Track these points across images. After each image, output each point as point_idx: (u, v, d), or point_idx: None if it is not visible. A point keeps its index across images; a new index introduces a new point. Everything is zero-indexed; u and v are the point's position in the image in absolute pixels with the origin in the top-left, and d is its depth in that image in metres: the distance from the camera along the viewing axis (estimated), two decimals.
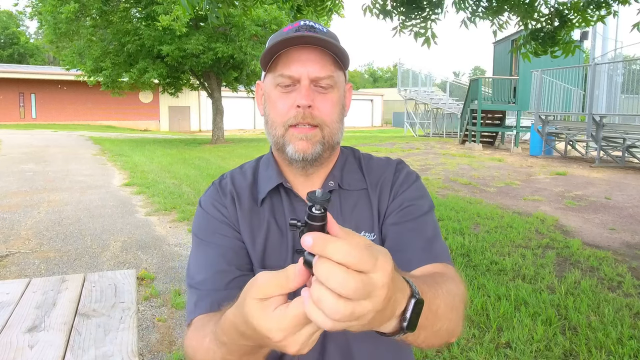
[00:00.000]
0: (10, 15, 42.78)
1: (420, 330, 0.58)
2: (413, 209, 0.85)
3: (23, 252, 4.37)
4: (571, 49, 3.88)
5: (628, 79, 9.73)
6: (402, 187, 0.88)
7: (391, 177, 0.90)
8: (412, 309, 0.52)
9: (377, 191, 0.88)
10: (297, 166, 0.84)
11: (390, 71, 69.06)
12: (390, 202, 0.87)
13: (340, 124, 0.86)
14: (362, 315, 0.43)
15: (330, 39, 0.79)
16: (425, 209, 0.87)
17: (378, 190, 0.89)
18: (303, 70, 0.79)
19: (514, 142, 13.72)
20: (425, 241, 0.81)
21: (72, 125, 25.39)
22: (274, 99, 0.83)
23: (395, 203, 0.86)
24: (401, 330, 0.53)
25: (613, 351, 2.54)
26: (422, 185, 0.91)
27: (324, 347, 0.82)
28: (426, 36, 3.88)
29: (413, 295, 0.53)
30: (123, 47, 15.06)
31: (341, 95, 0.86)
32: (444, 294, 0.64)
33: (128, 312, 1.57)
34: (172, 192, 7.04)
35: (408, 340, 0.60)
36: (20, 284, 1.81)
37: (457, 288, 0.70)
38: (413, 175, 0.92)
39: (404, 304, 0.52)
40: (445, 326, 0.64)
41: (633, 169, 9.49)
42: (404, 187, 0.88)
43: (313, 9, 4.03)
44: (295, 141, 0.81)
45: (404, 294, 0.52)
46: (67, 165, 10.46)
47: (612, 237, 4.86)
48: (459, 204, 6.16)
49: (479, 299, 3.15)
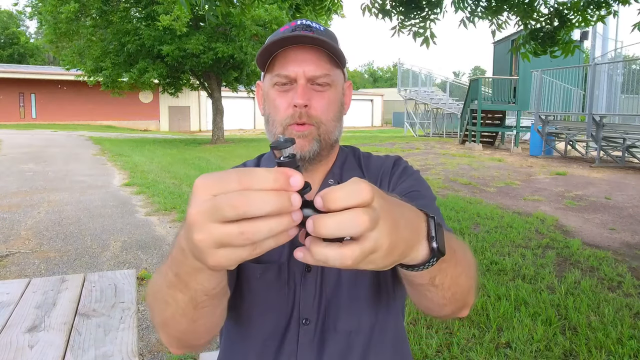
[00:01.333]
0: (10, 15, 42.78)
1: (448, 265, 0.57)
2: (415, 194, 0.84)
3: (23, 252, 4.37)
4: (571, 49, 3.88)
5: (628, 79, 9.73)
6: (402, 178, 0.88)
7: (389, 170, 0.90)
8: (434, 227, 0.52)
9: (377, 184, 0.88)
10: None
11: (390, 71, 69.05)
12: (389, 192, 0.87)
13: (338, 122, 0.86)
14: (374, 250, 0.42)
15: (326, 39, 0.79)
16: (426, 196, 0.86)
17: (377, 184, 0.89)
18: (299, 70, 0.80)
19: (514, 142, 13.72)
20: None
21: (72, 125, 25.39)
22: (272, 98, 0.83)
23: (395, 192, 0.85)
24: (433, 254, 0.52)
25: (613, 351, 2.54)
26: (422, 178, 0.91)
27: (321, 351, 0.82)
28: (425, 36, 3.88)
29: (430, 217, 0.53)
30: (123, 47, 15.06)
31: (339, 93, 0.86)
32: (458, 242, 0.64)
33: (128, 312, 1.57)
34: (172, 192, 7.04)
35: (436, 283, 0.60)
36: (20, 284, 1.81)
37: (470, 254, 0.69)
38: (412, 169, 0.92)
39: (425, 227, 0.52)
40: (464, 275, 0.64)
41: (633, 169, 9.49)
42: (403, 178, 0.88)
43: (312, 8, 4.03)
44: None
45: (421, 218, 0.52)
46: (67, 165, 10.46)
47: (612, 237, 4.87)
48: (459, 204, 6.16)
49: (479, 299, 3.15)
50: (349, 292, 0.82)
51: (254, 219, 0.40)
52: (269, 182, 0.40)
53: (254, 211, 0.39)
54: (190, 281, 0.54)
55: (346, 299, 0.82)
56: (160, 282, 0.61)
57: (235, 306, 0.83)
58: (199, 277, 0.53)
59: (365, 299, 0.82)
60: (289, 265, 0.83)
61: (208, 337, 0.71)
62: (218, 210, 0.40)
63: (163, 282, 0.60)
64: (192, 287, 0.55)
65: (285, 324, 0.82)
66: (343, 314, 0.82)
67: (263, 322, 0.83)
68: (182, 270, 0.53)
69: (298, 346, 0.81)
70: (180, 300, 0.58)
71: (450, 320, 2.87)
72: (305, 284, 0.82)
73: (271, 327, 0.82)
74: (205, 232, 0.41)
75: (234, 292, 0.82)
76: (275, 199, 0.39)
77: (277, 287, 0.82)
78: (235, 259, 0.42)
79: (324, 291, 0.82)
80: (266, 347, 0.82)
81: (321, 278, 0.82)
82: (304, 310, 0.82)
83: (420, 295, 0.65)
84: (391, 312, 0.86)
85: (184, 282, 0.55)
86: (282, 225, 0.40)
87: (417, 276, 0.57)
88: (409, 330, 2.76)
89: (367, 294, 0.82)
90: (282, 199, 0.40)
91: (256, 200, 0.39)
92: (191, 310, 0.60)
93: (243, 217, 0.40)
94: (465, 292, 0.66)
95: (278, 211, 0.40)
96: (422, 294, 0.65)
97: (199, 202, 0.41)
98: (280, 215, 0.40)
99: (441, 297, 0.64)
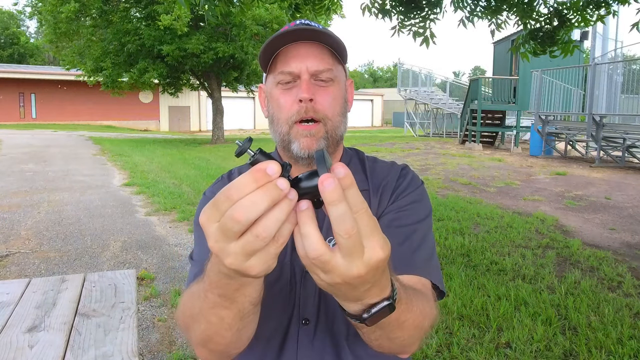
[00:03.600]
0: (10, 16, 42.79)
1: (377, 329, 0.59)
2: (408, 214, 0.84)
3: (23, 252, 4.37)
4: (570, 48, 3.88)
5: (628, 79, 9.73)
6: (404, 194, 0.87)
7: (394, 182, 0.89)
8: (380, 309, 0.53)
9: (378, 194, 0.88)
10: (303, 163, 0.83)
11: (390, 71, 69.04)
12: (389, 204, 0.86)
13: (343, 117, 0.86)
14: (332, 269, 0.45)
15: (327, 32, 0.79)
16: (420, 216, 0.85)
17: (379, 193, 0.88)
18: (302, 66, 0.79)
19: (514, 142, 13.72)
20: (408, 250, 0.79)
21: (72, 125, 25.38)
22: (276, 97, 0.83)
23: (394, 206, 0.86)
24: (359, 319, 0.54)
25: (613, 351, 2.54)
26: (424, 192, 0.90)
27: (321, 351, 0.82)
28: (425, 36, 3.88)
29: (388, 299, 0.53)
30: (123, 47, 15.05)
31: (342, 89, 0.86)
32: (417, 312, 0.64)
33: (128, 312, 1.57)
34: (172, 192, 7.04)
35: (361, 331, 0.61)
36: (20, 284, 1.81)
37: (430, 310, 0.69)
38: (417, 181, 0.91)
39: (376, 300, 0.53)
40: (402, 339, 0.65)
41: (633, 169, 9.49)
42: (405, 193, 0.87)
43: (311, 8, 4.03)
44: (300, 138, 0.81)
45: (382, 291, 0.52)
46: (67, 165, 10.46)
47: (612, 237, 4.87)
48: (459, 204, 6.16)
49: (479, 299, 3.15)
50: None
51: (260, 219, 0.43)
52: (250, 184, 0.43)
53: (253, 214, 0.42)
54: (238, 297, 0.57)
55: None
56: (199, 304, 0.63)
57: None
58: (247, 291, 0.57)
59: None
60: (291, 264, 0.83)
61: (248, 342, 0.73)
62: (226, 231, 0.43)
63: (203, 304, 0.62)
64: (240, 301, 0.58)
65: (286, 324, 0.82)
66: (341, 316, 0.82)
67: (265, 322, 0.83)
68: (229, 291, 0.56)
69: (298, 346, 0.81)
70: (226, 316, 0.61)
71: (451, 320, 2.87)
72: (305, 284, 0.82)
73: (273, 327, 0.82)
74: (230, 254, 0.45)
75: None
76: (263, 194, 0.42)
77: (279, 287, 0.82)
78: (269, 259, 0.46)
79: (323, 292, 0.82)
80: (267, 347, 0.82)
81: None
82: (304, 310, 0.82)
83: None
84: None
85: (230, 299, 0.58)
86: (285, 210, 0.44)
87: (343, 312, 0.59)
88: None
89: None
90: (270, 191, 0.43)
91: (249, 204, 0.42)
92: (238, 322, 0.62)
93: (249, 223, 0.43)
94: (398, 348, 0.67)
95: (273, 202, 0.43)
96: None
97: (210, 233, 0.45)
98: (278, 204, 0.43)
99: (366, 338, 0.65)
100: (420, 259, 0.79)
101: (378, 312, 0.53)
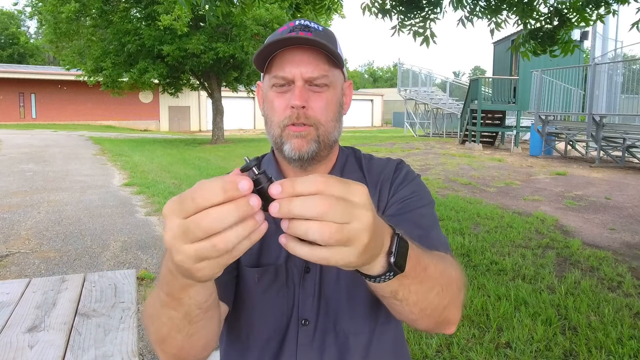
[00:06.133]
0: (10, 16, 42.78)
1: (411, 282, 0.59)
2: (411, 201, 0.85)
3: (23, 252, 4.37)
4: (570, 48, 3.88)
5: (628, 79, 9.73)
6: (403, 184, 0.88)
7: (391, 175, 0.90)
8: (397, 243, 0.54)
9: (377, 189, 0.88)
10: (295, 165, 0.83)
11: (390, 71, 69.03)
12: (389, 197, 0.87)
13: (337, 122, 0.85)
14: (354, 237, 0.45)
15: (324, 40, 0.78)
16: (424, 202, 0.86)
17: (378, 188, 0.88)
18: (296, 71, 0.79)
19: (514, 142, 13.72)
20: (421, 230, 0.80)
21: (72, 125, 25.39)
22: (271, 99, 0.83)
23: (395, 198, 0.86)
24: (390, 268, 0.54)
25: (613, 351, 2.54)
26: (422, 183, 0.91)
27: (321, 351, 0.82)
28: (425, 35, 3.88)
29: (395, 234, 0.55)
30: (123, 47, 15.05)
31: (338, 93, 0.85)
32: (435, 258, 0.64)
33: (128, 312, 1.57)
34: (172, 192, 7.04)
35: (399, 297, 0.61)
36: (20, 284, 1.81)
37: (454, 270, 0.69)
38: (413, 173, 0.91)
39: (389, 242, 0.54)
40: (436, 291, 0.64)
41: (633, 169, 9.49)
42: (404, 184, 0.88)
43: (312, 7, 4.03)
44: (291, 139, 0.81)
45: (387, 231, 0.54)
46: (67, 165, 10.46)
47: (612, 237, 4.86)
48: (459, 204, 6.16)
49: (479, 299, 3.15)
50: (348, 293, 0.82)
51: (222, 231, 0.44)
52: (218, 193, 0.43)
53: (218, 227, 0.43)
54: (183, 297, 0.58)
55: (345, 300, 0.82)
56: (155, 303, 0.65)
57: (236, 309, 0.83)
58: (190, 292, 0.57)
59: (365, 300, 0.82)
60: (287, 266, 0.82)
61: (205, 353, 0.73)
62: (188, 234, 0.44)
63: (157, 302, 0.64)
64: (185, 302, 0.59)
65: (285, 325, 0.82)
66: (342, 315, 0.82)
67: (263, 323, 0.83)
68: (174, 289, 0.57)
69: (297, 347, 0.81)
70: (174, 317, 0.62)
71: None
72: (304, 285, 0.82)
73: (271, 329, 0.82)
74: (182, 253, 0.45)
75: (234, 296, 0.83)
76: (234, 211, 0.43)
77: (276, 288, 0.82)
78: (217, 267, 0.46)
79: (322, 292, 0.82)
80: (266, 348, 0.82)
81: (320, 278, 0.82)
82: (303, 310, 0.82)
83: (389, 306, 0.67)
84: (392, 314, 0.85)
85: (176, 299, 0.59)
86: (248, 229, 0.44)
87: (377, 287, 0.59)
88: (409, 330, 2.75)
89: (367, 295, 0.81)
90: (242, 208, 0.43)
91: (218, 217, 0.43)
92: (187, 325, 0.64)
93: (212, 233, 0.43)
94: (438, 309, 0.66)
95: (240, 219, 0.44)
96: (389, 306, 0.66)
97: (170, 227, 0.45)
98: (244, 221, 0.44)
99: (409, 312, 0.65)
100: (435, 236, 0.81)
101: (398, 246, 0.54)
